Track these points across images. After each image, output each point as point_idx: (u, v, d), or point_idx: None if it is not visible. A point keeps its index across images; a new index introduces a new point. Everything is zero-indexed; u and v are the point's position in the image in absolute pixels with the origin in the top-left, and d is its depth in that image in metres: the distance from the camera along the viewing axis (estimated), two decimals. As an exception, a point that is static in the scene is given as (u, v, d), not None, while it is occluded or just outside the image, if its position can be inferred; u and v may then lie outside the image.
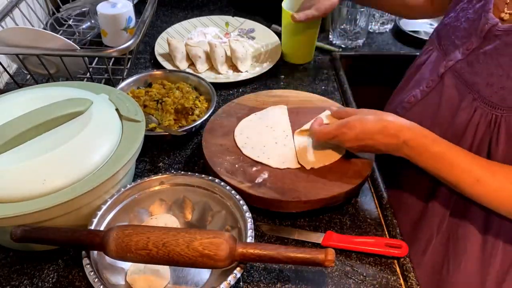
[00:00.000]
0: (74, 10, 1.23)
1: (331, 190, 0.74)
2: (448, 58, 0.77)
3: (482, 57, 0.71)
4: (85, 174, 0.65)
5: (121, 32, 1.11)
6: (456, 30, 0.77)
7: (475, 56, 0.72)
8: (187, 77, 0.98)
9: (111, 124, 0.72)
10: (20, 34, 0.89)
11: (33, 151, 0.65)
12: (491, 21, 0.70)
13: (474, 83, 0.71)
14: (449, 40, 0.79)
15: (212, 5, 1.40)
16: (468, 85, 0.72)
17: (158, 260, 0.59)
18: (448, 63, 0.77)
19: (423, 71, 0.84)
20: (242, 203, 0.67)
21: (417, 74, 0.86)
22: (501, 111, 0.68)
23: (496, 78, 0.68)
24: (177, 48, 1.09)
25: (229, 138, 0.84)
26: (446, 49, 0.79)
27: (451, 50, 0.77)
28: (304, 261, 0.58)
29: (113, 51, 0.88)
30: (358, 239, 0.72)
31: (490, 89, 0.69)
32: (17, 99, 0.74)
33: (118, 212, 0.68)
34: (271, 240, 0.73)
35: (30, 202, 0.61)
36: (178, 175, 0.72)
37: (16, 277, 0.66)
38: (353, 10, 1.18)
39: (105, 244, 0.59)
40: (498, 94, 0.68)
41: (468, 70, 0.73)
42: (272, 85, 1.07)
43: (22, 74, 1.07)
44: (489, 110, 0.70)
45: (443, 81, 0.77)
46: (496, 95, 0.68)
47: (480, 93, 0.70)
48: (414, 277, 0.68)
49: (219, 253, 0.57)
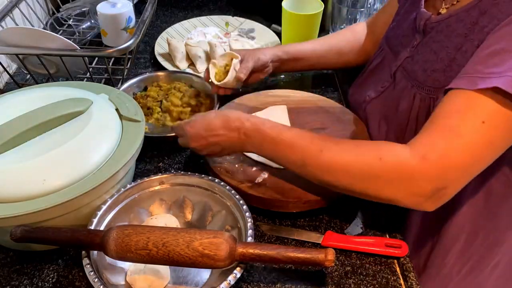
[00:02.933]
0: (74, 10, 1.23)
1: (331, 190, 0.74)
2: (398, 57, 0.81)
3: (420, 49, 0.76)
4: (85, 174, 0.65)
5: (121, 32, 1.11)
6: (402, 31, 0.82)
7: (416, 50, 0.76)
8: (190, 77, 0.99)
9: (111, 124, 0.72)
10: (20, 34, 0.89)
11: (33, 151, 0.65)
12: (424, 16, 0.75)
13: (413, 72, 0.75)
14: (397, 41, 0.83)
15: (212, 5, 1.40)
16: (409, 76, 0.76)
17: (158, 260, 0.59)
18: (398, 62, 0.80)
19: (377, 75, 0.88)
20: (242, 203, 0.67)
21: (370, 77, 0.90)
22: (436, 93, 0.71)
23: (429, 64, 0.72)
24: (177, 48, 1.09)
25: (229, 138, 0.84)
26: (396, 50, 0.83)
27: (399, 51, 0.81)
28: (304, 261, 0.58)
29: (113, 51, 0.88)
30: (358, 239, 0.72)
31: (425, 74, 0.73)
32: (17, 99, 0.74)
33: (118, 212, 0.68)
34: (271, 240, 0.73)
35: (30, 202, 0.61)
36: (178, 175, 0.72)
37: (16, 277, 0.66)
38: (353, 10, 1.18)
39: (105, 244, 0.59)
40: (431, 77, 0.72)
41: (411, 63, 0.77)
42: (272, 85, 1.07)
43: (22, 74, 1.07)
44: (426, 94, 0.73)
45: (395, 80, 0.81)
46: (430, 78, 0.72)
47: (417, 79, 0.74)
48: (414, 277, 0.68)
49: (219, 253, 0.57)
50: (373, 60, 0.91)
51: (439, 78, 0.71)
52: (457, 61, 0.69)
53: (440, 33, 0.73)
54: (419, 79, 0.74)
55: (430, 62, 0.73)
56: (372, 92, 0.86)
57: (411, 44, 0.78)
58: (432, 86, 0.72)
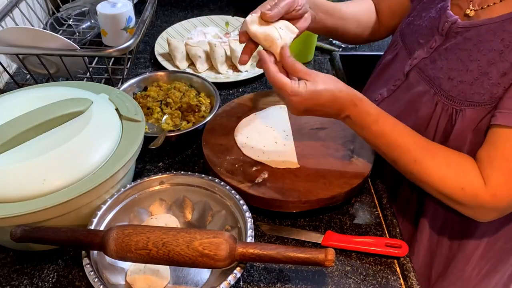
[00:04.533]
0: (74, 10, 1.23)
1: (331, 190, 0.74)
2: (413, 56, 0.79)
3: (443, 53, 0.73)
4: (85, 174, 0.65)
5: (121, 32, 1.11)
6: (419, 29, 0.79)
7: (438, 53, 0.74)
8: (191, 78, 0.99)
9: (111, 124, 0.72)
10: (20, 34, 0.89)
11: (33, 151, 0.65)
12: (450, 19, 0.72)
13: (436, 78, 0.74)
14: (413, 39, 0.80)
15: (212, 4, 1.40)
16: (431, 81, 0.75)
17: (158, 260, 0.59)
18: (413, 61, 0.79)
19: (390, 71, 0.86)
20: (242, 203, 0.67)
21: (384, 73, 0.88)
22: (459, 105, 0.71)
23: (456, 73, 0.71)
24: (177, 47, 1.09)
25: (229, 138, 0.84)
26: (410, 47, 0.81)
27: (415, 49, 0.79)
28: (304, 261, 0.58)
29: (113, 51, 0.88)
30: (358, 239, 0.72)
31: (450, 83, 0.71)
32: (17, 99, 0.74)
33: (118, 212, 0.68)
34: (271, 240, 0.73)
35: (30, 202, 0.61)
36: (178, 175, 0.72)
37: (16, 277, 0.66)
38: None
39: (105, 244, 0.59)
40: (457, 88, 0.71)
41: (431, 67, 0.75)
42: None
43: (22, 74, 1.07)
44: (450, 104, 0.72)
45: (409, 79, 0.79)
46: (456, 88, 0.71)
47: (442, 87, 0.73)
48: (414, 277, 0.68)
49: (219, 253, 0.57)
50: (386, 54, 0.89)
51: (465, 90, 0.70)
52: (490, 77, 0.67)
53: (468, 42, 0.70)
54: (443, 87, 0.72)
55: (456, 72, 0.71)
56: (384, 90, 0.85)
57: (429, 45, 0.76)
58: (457, 97, 0.71)
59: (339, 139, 0.84)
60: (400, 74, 0.81)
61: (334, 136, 0.84)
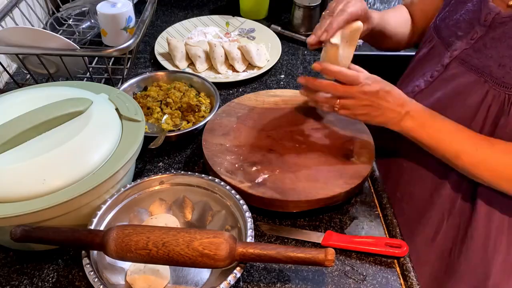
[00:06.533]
0: (74, 9, 1.23)
1: (331, 190, 0.74)
2: (452, 48, 0.81)
3: (490, 43, 0.75)
4: (85, 174, 0.65)
5: (121, 31, 1.11)
6: (457, 22, 0.81)
7: (482, 43, 0.76)
8: (191, 77, 0.99)
9: (111, 124, 0.72)
10: (20, 34, 0.89)
11: (33, 151, 0.65)
12: (493, 10, 0.75)
13: (485, 67, 0.75)
14: (450, 32, 0.82)
15: (212, 4, 1.40)
16: (479, 70, 0.76)
17: (158, 260, 0.59)
18: (453, 53, 0.80)
19: (426, 64, 0.87)
20: (242, 203, 0.67)
21: (419, 67, 0.89)
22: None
23: (508, 59, 0.72)
24: (176, 47, 1.09)
25: (229, 138, 0.84)
26: (448, 41, 0.82)
27: (454, 41, 0.81)
28: (304, 261, 0.58)
29: (113, 50, 0.88)
30: (358, 239, 0.72)
31: (503, 70, 0.73)
32: (17, 99, 0.74)
33: (118, 212, 0.68)
34: (271, 240, 0.73)
35: (30, 202, 0.61)
36: (178, 175, 0.72)
37: (16, 277, 0.66)
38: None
39: (105, 244, 0.59)
40: (510, 74, 0.72)
41: (477, 56, 0.76)
42: (272, 85, 1.07)
43: (22, 74, 1.07)
44: (502, 91, 0.73)
45: (448, 70, 0.81)
46: (509, 75, 0.72)
47: (493, 75, 0.74)
48: (414, 276, 0.68)
49: (219, 253, 0.57)
50: (421, 49, 0.91)
51: None
52: None
53: None
54: (495, 75, 0.74)
55: (508, 58, 0.72)
56: (421, 82, 0.86)
57: (470, 36, 0.78)
58: (510, 82, 0.72)
59: (339, 139, 0.84)
60: (439, 66, 0.83)
61: (334, 136, 0.84)
